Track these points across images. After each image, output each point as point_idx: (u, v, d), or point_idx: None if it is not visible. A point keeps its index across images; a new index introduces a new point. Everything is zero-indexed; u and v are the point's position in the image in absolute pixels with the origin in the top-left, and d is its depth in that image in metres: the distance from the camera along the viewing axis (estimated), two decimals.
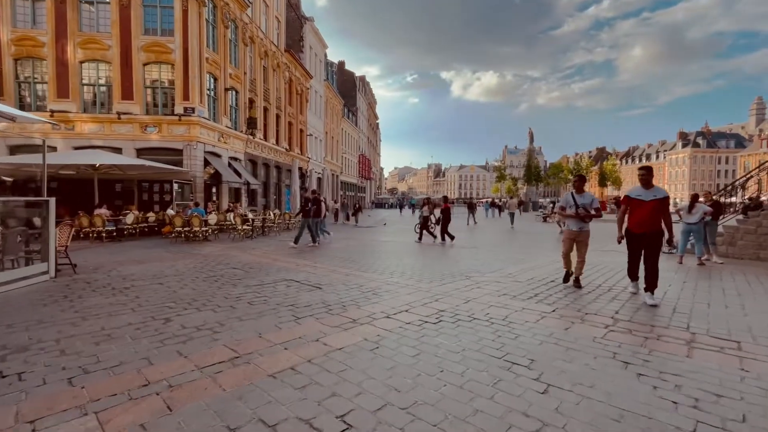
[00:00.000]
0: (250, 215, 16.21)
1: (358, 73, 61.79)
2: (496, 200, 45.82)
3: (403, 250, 10.90)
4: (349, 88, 57.14)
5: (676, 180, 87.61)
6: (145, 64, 17.16)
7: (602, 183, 62.73)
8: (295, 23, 33.13)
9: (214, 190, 19.62)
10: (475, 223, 25.60)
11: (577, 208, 5.97)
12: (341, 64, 59.37)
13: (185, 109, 17.12)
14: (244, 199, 21.68)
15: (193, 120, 17.18)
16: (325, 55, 40.84)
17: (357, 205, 20.37)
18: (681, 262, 8.88)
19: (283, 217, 19.15)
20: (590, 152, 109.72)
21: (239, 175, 20.20)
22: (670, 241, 11.67)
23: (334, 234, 15.93)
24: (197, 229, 12.28)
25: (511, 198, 38.99)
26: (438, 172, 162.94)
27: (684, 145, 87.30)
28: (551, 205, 30.49)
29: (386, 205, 63.26)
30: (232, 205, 18.35)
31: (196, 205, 14.65)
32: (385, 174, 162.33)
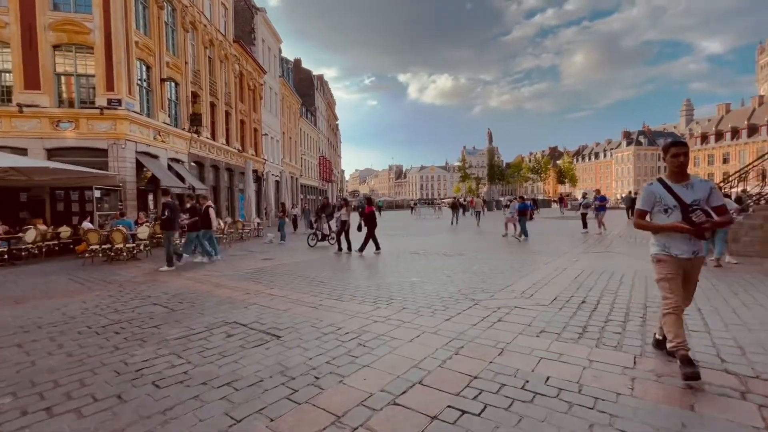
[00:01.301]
0: None
1: (315, 72, 59.33)
2: (460, 200, 45.61)
3: (378, 263, 9.13)
4: (306, 87, 54.59)
5: (623, 176, 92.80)
6: (55, 47, 14.13)
7: (560, 180, 64.64)
8: (246, 13, 30.42)
9: (151, 197, 16.80)
10: (457, 223, 25.27)
11: (688, 211, 2.91)
12: (297, 61, 56.67)
13: (109, 101, 14.28)
14: (188, 206, 18.90)
15: (120, 114, 14.39)
16: (280, 50, 38.26)
17: (327, 206, 17.80)
18: (705, 263, 7.83)
19: (235, 225, 16.76)
20: (543, 151, 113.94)
21: (182, 179, 17.50)
22: None
23: (293, 244, 13.86)
24: (120, 246, 9.79)
25: (477, 197, 38.60)
26: (399, 174, 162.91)
27: (628, 144, 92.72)
28: (583, 199, 29.92)
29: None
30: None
31: (122, 215, 12.01)
32: (347, 176, 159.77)
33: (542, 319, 4.41)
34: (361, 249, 10.94)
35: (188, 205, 10.23)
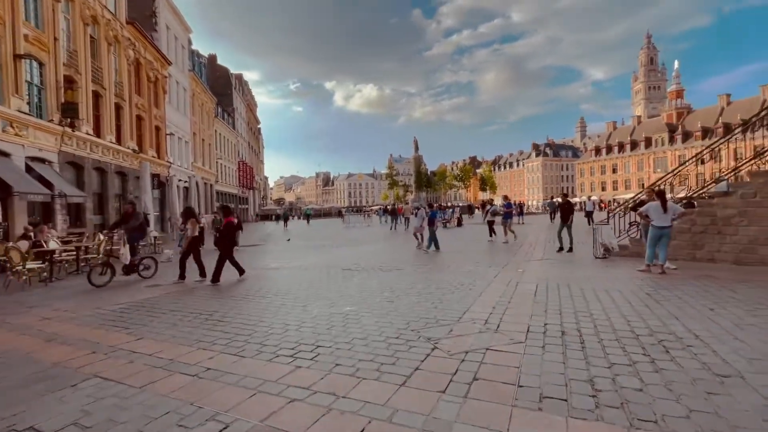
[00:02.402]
0: (56, 244, 10.60)
1: (234, 71, 54.86)
2: (389, 207, 45.59)
3: (303, 285, 7.40)
4: (223, 86, 50.09)
5: (533, 184, 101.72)
6: None
7: (482, 188, 68.15)
8: None
9: None
10: (395, 229, 25.01)
11: None
12: (212, 57, 51.89)
13: None
14: (60, 218, 15.05)
15: None
16: (190, 42, 34.17)
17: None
18: (650, 271, 7.51)
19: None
20: (465, 160, 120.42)
21: (48, 184, 13.79)
22: (608, 249, 10.87)
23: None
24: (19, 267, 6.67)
25: (406, 204, 38.47)
26: (327, 181, 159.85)
27: (537, 155, 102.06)
28: (451, 210, 30.19)
29: (273, 216, 57.23)
30: (31, 228, 12.05)
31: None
32: (271, 183, 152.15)
33: (530, 369, 3.17)
34: (215, 278, 7.91)
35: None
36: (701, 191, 9.81)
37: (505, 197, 17.41)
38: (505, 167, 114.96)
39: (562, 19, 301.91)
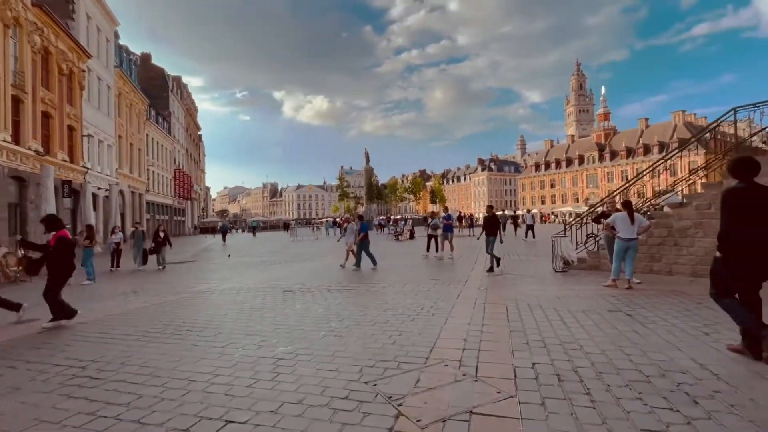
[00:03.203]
0: None
1: (172, 73, 50.84)
2: (338, 219, 44.29)
3: (232, 313, 5.97)
4: (158, 88, 46.15)
5: (479, 197, 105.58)
6: None
7: (432, 200, 69.05)
8: None
9: None
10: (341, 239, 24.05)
11: None
12: (146, 56, 47.79)
13: None
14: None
15: None
16: (117, 35, 30.84)
17: (160, 235, 13.39)
18: (617, 286, 7.04)
19: (20, 260, 10.97)
20: (415, 174, 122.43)
21: None
22: (567, 262, 10.51)
23: (109, 285, 9.33)
24: None
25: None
26: (275, 192, 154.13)
27: (482, 169, 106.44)
28: (403, 222, 29.55)
29: (210, 230, 52.90)
30: None
31: None
32: (214, 194, 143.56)
33: None
34: (57, 316, 5.43)
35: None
36: (650, 203, 9.81)
37: (446, 208, 16.38)
38: (453, 181, 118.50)
39: (503, 45, 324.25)
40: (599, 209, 10.18)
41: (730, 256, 3.36)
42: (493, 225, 10.18)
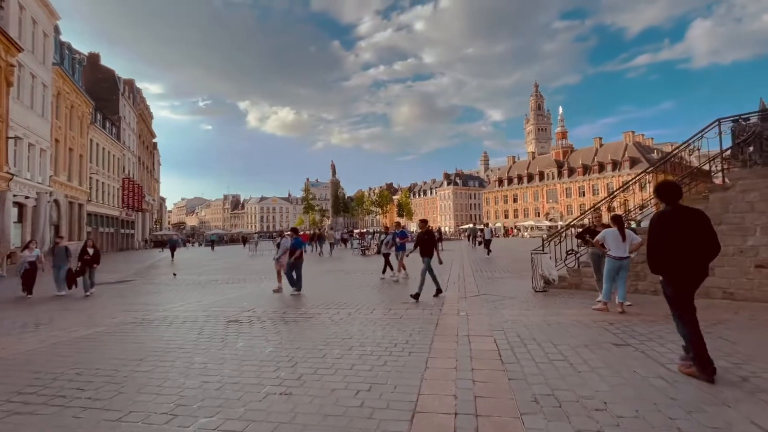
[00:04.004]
0: None
1: (124, 75, 47.47)
2: (307, 232, 42.64)
3: (153, 357, 4.62)
4: (107, 91, 42.83)
5: (446, 211, 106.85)
6: None
7: (399, 213, 68.63)
8: None
9: None
10: (321, 254, 24.22)
11: None
12: (94, 56, 44.51)
13: None
14: None
15: None
16: (57, 31, 28.13)
17: (88, 251, 10.62)
18: (608, 310, 6.34)
19: None
20: (381, 187, 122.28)
21: None
22: (548, 281, 9.82)
23: (14, 311, 7.52)
24: None
25: (331, 229, 36.22)
26: (236, 204, 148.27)
27: (448, 184, 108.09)
28: (370, 236, 28.44)
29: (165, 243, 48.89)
30: None
31: None
32: (170, 206, 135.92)
33: None
34: None
35: None
36: (629, 218, 9.40)
37: (398, 224, 13.69)
38: (420, 194, 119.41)
39: (467, 66, 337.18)
40: (584, 221, 9.65)
41: (664, 274, 3.61)
42: (427, 243, 8.33)
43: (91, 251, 10.73)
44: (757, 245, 6.63)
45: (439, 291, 8.27)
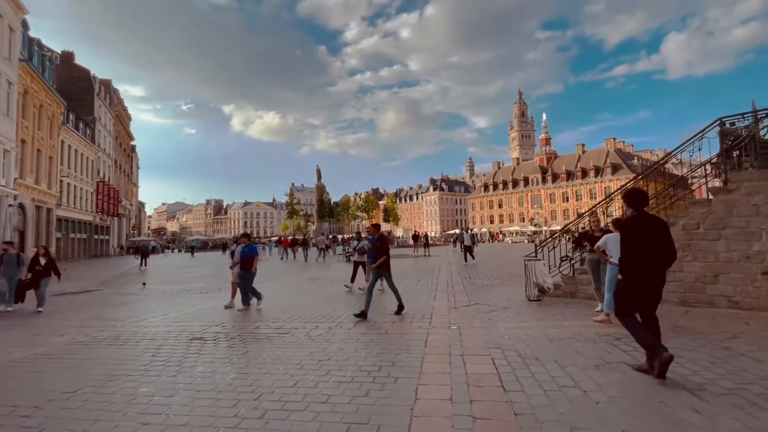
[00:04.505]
0: None
1: (100, 75, 45.74)
2: (288, 238, 41.51)
3: (57, 395, 3.86)
4: (81, 91, 41.15)
5: (432, 216, 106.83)
6: None
7: (386, 219, 68.03)
8: None
9: None
10: (306, 260, 23.59)
11: None
12: (68, 55, 42.82)
13: None
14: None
15: None
16: (26, 26, 26.71)
17: (40, 260, 9.55)
18: (611, 321, 5.84)
19: None
20: (368, 192, 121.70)
21: None
22: (542, 289, 9.32)
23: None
24: None
25: (321, 234, 35.29)
26: (219, 209, 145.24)
27: (434, 189, 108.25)
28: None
29: (131, 250, 46.25)
30: None
31: None
32: (149, 210, 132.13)
33: None
34: None
35: None
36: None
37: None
38: (406, 200, 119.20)
39: (452, 73, 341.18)
40: (581, 225, 9.21)
41: (630, 278, 3.72)
42: (380, 251, 7.11)
43: (43, 261, 9.68)
44: (764, 251, 6.25)
45: (401, 308, 7.10)
